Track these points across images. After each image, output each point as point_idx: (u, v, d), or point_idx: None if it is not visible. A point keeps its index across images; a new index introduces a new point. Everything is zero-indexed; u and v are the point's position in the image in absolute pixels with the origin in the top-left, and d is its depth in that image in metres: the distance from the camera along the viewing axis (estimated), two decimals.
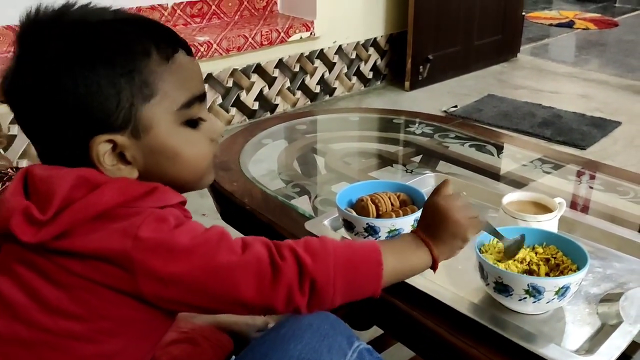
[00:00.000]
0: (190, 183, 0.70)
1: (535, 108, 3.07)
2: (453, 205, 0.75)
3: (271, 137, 1.52)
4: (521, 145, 1.56)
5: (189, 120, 0.67)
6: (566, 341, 0.77)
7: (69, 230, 0.59)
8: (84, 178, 0.61)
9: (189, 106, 0.67)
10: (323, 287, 0.63)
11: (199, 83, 0.69)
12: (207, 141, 0.70)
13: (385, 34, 3.43)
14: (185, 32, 2.74)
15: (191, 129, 0.68)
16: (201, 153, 0.69)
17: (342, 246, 0.67)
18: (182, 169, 0.67)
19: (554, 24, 5.01)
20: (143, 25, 0.66)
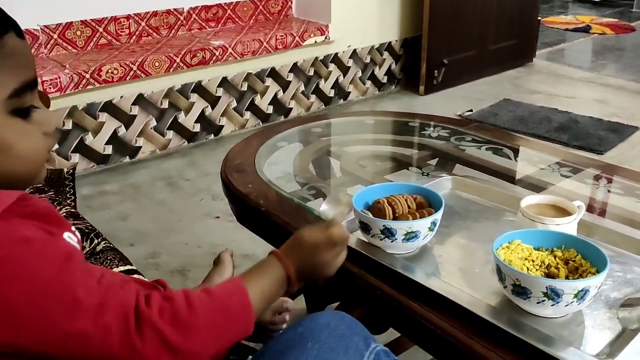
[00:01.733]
0: (22, 180, 0.62)
1: (551, 113, 3.05)
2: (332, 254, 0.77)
3: (286, 140, 1.52)
4: (538, 149, 1.54)
5: (19, 109, 0.60)
6: (586, 345, 0.76)
7: None
8: None
9: (19, 94, 0.60)
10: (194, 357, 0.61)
11: (31, 68, 0.62)
12: (40, 134, 0.62)
13: (399, 38, 3.42)
14: (200, 36, 2.76)
15: (22, 120, 0.61)
16: (35, 147, 0.62)
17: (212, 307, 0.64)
18: (13, 163, 0.60)
19: (570, 29, 4.97)
20: None
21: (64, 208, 1.29)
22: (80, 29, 2.50)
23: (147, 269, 1.80)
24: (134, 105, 2.48)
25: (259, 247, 1.65)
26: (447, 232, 1.02)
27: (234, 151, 1.38)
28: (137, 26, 2.66)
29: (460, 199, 1.15)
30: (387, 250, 0.94)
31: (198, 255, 1.89)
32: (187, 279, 1.77)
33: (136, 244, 1.96)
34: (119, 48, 2.56)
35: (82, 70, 2.26)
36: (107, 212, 2.16)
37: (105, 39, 2.58)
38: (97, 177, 2.42)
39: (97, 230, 1.22)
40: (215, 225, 2.06)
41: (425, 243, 0.96)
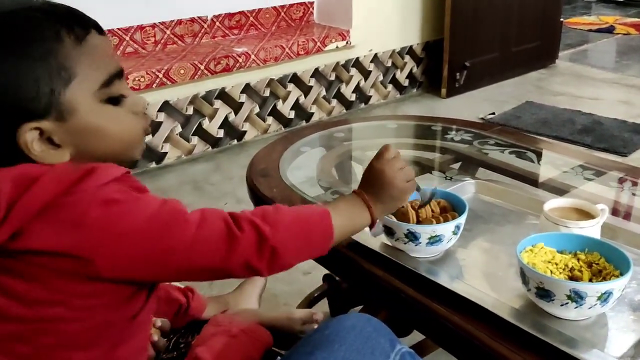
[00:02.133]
0: (122, 156, 0.71)
1: (575, 115, 3.03)
2: (394, 170, 0.85)
3: (309, 144, 1.54)
4: (562, 152, 1.54)
5: (110, 98, 0.69)
6: (609, 347, 0.77)
7: (22, 229, 0.60)
8: (20, 175, 0.62)
9: (108, 84, 0.68)
10: (281, 252, 0.70)
11: (115, 61, 0.71)
12: (131, 115, 0.72)
13: (421, 41, 3.43)
14: (224, 44, 2.80)
15: (114, 106, 0.69)
16: (127, 127, 0.71)
17: (296, 213, 0.75)
18: (111, 143, 0.69)
19: (594, 30, 4.92)
20: (53, 10, 0.67)
21: None
22: None
23: None
24: (159, 111, 2.53)
25: None
26: (470, 235, 1.03)
27: (259, 156, 1.40)
28: (163, 34, 2.71)
29: (483, 202, 1.16)
30: (411, 254, 0.95)
31: None
32: (213, 285, 1.80)
33: None
34: (145, 56, 2.61)
35: None
36: None
37: (131, 47, 2.64)
38: None
39: None
40: None
41: (449, 247, 0.97)
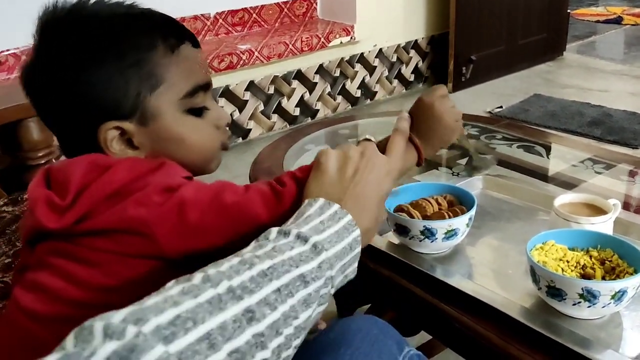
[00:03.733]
0: (197, 167, 0.74)
1: (583, 107, 2.99)
2: (446, 108, 0.83)
3: (314, 142, 1.52)
4: (571, 145, 1.51)
5: (193, 109, 0.71)
6: (624, 347, 0.74)
7: (90, 212, 0.62)
8: (94, 162, 0.65)
9: (192, 95, 0.71)
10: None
11: (204, 73, 0.73)
12: (212, 128, 0.74)
13: (426, 35, 3.40)
14: (227, 41, 2.78)
15: (196, 117, 0.72)
16: (206, 139, 0.73)
17: None
18: (188, 153, 0.72)
19: (601, 21, 4.87)
20: (151, 20, 0.71)
21: None
22: None
23: None
24: None
25: None
26: (479, 232, 1.00)
27: (263, 154, 1.39)
28: None
29: (492, 198, 1.13)
30: (425, 250, 0.93)
31: None
32: None
33: None
34: None
35: None
36: None
37: None
38: None
39: None
40: None
41: (460, 241, 0.95)
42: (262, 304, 0.49)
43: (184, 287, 0.48)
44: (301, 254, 0.56)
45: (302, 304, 0.53)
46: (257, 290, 0.50)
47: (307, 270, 0.55)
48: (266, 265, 0.52)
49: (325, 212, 0.62)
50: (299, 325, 0.53)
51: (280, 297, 0.51)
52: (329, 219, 0.61)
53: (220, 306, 0.47)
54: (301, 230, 0.58)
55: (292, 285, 0.53)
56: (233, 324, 0.46)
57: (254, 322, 0.48)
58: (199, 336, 0.44)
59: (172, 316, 0.44)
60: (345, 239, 0.61)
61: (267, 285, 0.51)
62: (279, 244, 0.56)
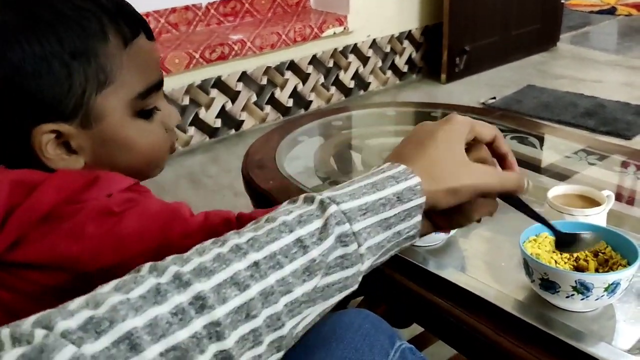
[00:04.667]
0: (142, 172, 0.67)
1: (577, 98, 2.99)
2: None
3: (306, 134, 1.51)
4: (564, 136, 1.51)
5: (142, 111, 0.64)
6: (618, 340, 0.74)
7: (20, 238, 0.55)
8: (18, 181, 0.57)
9: (145, 96, 0.63)
10: None
11: (157, 70, 0.65)
12: (161, 131, 0.67)
13: (420, 26, 3.38)
14: (219, 31, 2.76)
15: (145, 120, 0.65)
16: (155, 143, 0.67)
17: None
18: (134, 159, 0.65)
19: (595, 11, 4.86)
20: (103, 3, 0.60)
21: None
22: None
23: None
24: None
25: None
26: (471, 225, 1.00)
27: (255, 147, 1.37)
28: (157, 23, 2.67)
29: None
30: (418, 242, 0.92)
31: None
32: None
33: None
34: None
35: None
36: None
37: None
38: None
39: None
40: None
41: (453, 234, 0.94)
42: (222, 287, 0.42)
43: (117, 282, 0.43)
44: (301, 215, 0.48)
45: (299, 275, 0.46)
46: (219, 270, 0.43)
47: (306, 233, 0.47)
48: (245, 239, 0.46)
49: (373, 173, 0.53)
50: (296, 300, 0.45)
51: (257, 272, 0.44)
52: (372, 174, 0.52)
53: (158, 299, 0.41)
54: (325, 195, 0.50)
55: (281, 254, 0.45)
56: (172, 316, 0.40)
57: (206, 310, 0.41)
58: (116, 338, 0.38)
59: (86, 316, 0.39)
60: (387, 188, 0.51)
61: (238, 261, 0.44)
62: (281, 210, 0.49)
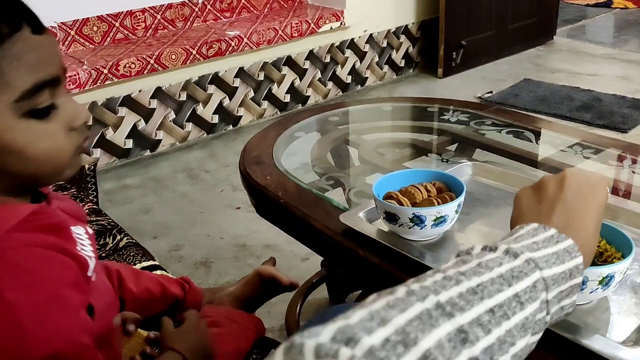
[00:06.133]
0: (44, 178, 0.60)
1: (573, 91, 3.00)
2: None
3: (303, 129, 1.51)
4: (560, 130, 1.52)
5: (34, 110, 0.56)
6: (612, 332, 0.75)
7: None
8: None
9: (32, 95, 0.56)
10: None
11: (50, 65, 0.58)
12: (63, 131, 0.59)
13: (416, 20, 3.38)
14: (215, 27, 2.75)
15: (39, 121, 0.57)
16: (53, 145, 0.58)
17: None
18: (25, 164, 0.57)
19: (591, 4, 4.86)
20: None
21: (86, 205, 1.31)
22: (96, 24, 2.52)
23: (171, 261, 1.83)
24: (152, 98, 2.50)
25: (281, 237, 1.66)
26: (468, 219, 1.01)
27: (252, 143, 1.38)
28: (153, 19, 2.67)
29: (481, 185, 1.13)
30: (413, 237, 0.93)
31: (221, 247, 1.91)
32: (211, 270, 1.79)
33: (159, 237, 1.98)
34: (135, 42, 2.57)
35: (100, 65, 2.28)
36: (130, 206, 2.19)
37: (121, 34, 2.59)
38: (119, 172, 2.44)
39: (120, 226, 1.24)
40: (237, 216, 2.07)
41: (450, 227, 0.95)
42: (474, 324, 0.42)
43: (388, 300, 0.42)
44: (513, 270, 0.48)
45: (519, 329, 0.45)
46: (467, 309, 0.43)
47: (521, 290, 0.47)
48: (474, 283, 0.45)
49: (539, 234, 0.53)
50: (516, 354, 0.45)
51: (494, 318, 0.44)
52: (544, 241, 0.52)
53: (431, 322, 0.40)
54: (511, 246, 0.50)
55: (506, 306, 0.45)
56: (448, 344, 0.40)
57: (467, 344, 0.41)
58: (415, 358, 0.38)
59: (384, 336, 0.38)
60: (566, 263, 0.52)
61: (478, 304, 0.44)
62: (485, 259, 0.48)
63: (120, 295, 0.85)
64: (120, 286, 0.86)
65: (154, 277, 0.94)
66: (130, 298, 0.86)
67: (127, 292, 0.86)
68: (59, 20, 2.39)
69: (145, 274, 0.95)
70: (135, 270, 0.93)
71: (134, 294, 0.87)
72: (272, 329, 1.52)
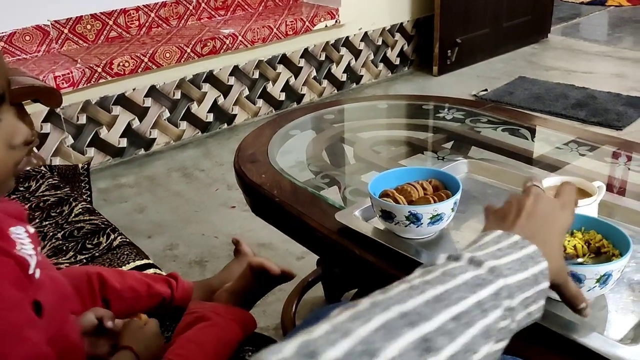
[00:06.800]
0: None
1: (568, 89, 3.00)
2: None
3: (299, 127, 1.50)
4: (555, 128, 1.51)
5: None
6: (609, 330, 0.75)
7: None
8: None
9: None
10: None
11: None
12: (3, 149, 0.58)
13: (411, 18, 3.38)
14: (210, 25, 2.74)
15: None
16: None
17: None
18: None
19: (586, 2, 4.87)
20: None
21: (80, 204, 1.30)
22: (90, 22, 2.50)
23: (166, 260, 1.82)
24: (146, 97, 2.49)
25: (276, 236, 1.65)
26: (463, 217, 1.00)
27: (247, 141, 1.37)
28: (147, 17, 2.66)
29: (476, 182, 1.13)
30: (411, 235, 0.93)
31: (216, 246, 1.90)
32: (205, 269, 1.78)
33: (154, 236, 1.97)
34: (129, 40, 2.55)
35: (94, 64, 2.27)
36: (125, 205, 2.18)
37: (115, 32, 2.58)
38: (113, 170, 2.43)
39: (113, 226, 1.23)
40: (232, 215, 2.06)
41: (446, 225, 0.94)
42: (438, 333, 0.43)
43: (352, 313, 0.42)
44: (477, 277, 0.48)
45: (481, 336, 0.45)
46: (432, 317, 0.43)
47: (484, 298, 0.47)
48: (439, 291, 0.46)
49: (503, 240, 0.54)
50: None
51: (458, 326, 0.44)
52: (508, 247, 0.53)
53: (395, 332, 0.41)
54: (475, 255, 0.51)
55: (470, 314, 0.46)
56: (413, 352, 0.40)
57: (432, 352, 0.41)
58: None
59: (348, 347, 0.39)
60: (530, 269, 0.52)
61: (443, 311, 0.44)
62: (449, 268, 0.49)
63: (104, 295, 0.88)
64: (103, 286, 0.89)
65: (139, 276, 0.96)
66: (115, 297, 0.89)
67: (111, 291, 0.89)
68: (52, 19, 2.37)
69: (131, 273, 0.98)
70: (119, 271, 0.96)
71: (118, 291, 0.89)
72: (267, 327, 1.51)
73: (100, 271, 0.90)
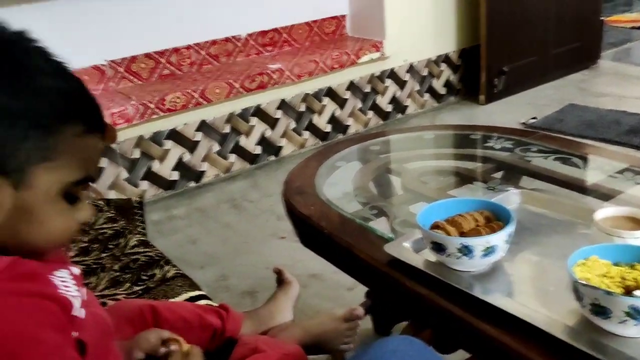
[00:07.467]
0: (36, 250, 0.65)
1: (620, 115, 2.92)
2: None
3: (345, 159, 1.52)
4: (608, 156, 1.47)
5: (69, 194, 0.64)
6: None
7: None
8: None
9: (79, 184, 0.65)
10: None
11: (94, 166, 0.68)
12: (73, 221, 0.66)
13: (457, 49, 3.38)
14: (258, 61, 2.81)
15: (67, 204, 0.65)
16: (65, 227, 0.66)
17: None
18: (39, 235, 0.64)
19: (636, 27, 4.76)
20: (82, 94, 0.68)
21: (135, 237, 1.34)
22: (144, 61, 2.60)
23: (218, 291, 1.84)
24: (197, 131, 2.56)
25: (326, 267, 1.65)
26: (517, 248, 0.98)
27: (294, 173, 1.39)
28: (198, 55, 2.75)
29: (529, 213, 1.11)
30: (463, 268, 0.92)
31: (266, 277, 1.90)
32: (257, 300, 1.79)
33: (206, 267, 2.00)
34: (181, 77, 2.64)
35: (147, 100, 2.35)
36: (177, 236, 2.22)
37: (168, 70, 2.68)
38: (166, 203, 2.49)
39: (167, 258, 1.26)
40: (282, 245, 2.08)
41: (499, 258, 0.93)
42: None
43: None
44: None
45: None
46: None
47: None
48: None
49: None
50: None
51: None
52: None
53: None
54: None
55: None
56: None
57: None
58: None
59: None
60: None
61: None
62: None
63: (156, 327, 0.91)
64: (155, 318, 0.93)
65: (190, 307, 1.00)
66: (167, 328, 0.91)
67: (164, 322, 0.93)
68: (108, 59, 2.48)
69: (183, 304, 1.02)
70: (171, 303, 1.00)
71: (170, 322, 0.93)
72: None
73: (152, 304, 0.94)
